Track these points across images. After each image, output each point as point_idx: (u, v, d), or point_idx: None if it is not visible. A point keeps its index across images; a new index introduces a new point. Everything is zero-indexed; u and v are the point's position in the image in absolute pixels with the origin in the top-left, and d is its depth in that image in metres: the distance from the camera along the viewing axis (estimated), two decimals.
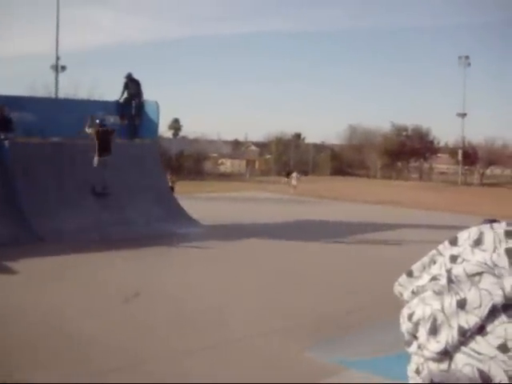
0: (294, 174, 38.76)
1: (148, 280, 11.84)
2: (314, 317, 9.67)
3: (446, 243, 1.07)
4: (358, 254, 15.57)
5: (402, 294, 1.13)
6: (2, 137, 16.66)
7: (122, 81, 19.86)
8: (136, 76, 19.90)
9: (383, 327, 8.48)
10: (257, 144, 73.57)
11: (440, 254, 1.07)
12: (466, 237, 1.04)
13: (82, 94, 42.09)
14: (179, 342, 8.26)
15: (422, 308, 1.04)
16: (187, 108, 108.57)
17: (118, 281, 11.69)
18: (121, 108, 19.62)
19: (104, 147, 16.92)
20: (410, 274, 1.11)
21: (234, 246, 16.19)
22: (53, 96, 36.99)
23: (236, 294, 11.06)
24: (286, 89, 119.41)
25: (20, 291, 10.65)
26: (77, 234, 15.55)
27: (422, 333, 1.04)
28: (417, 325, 1.05)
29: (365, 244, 17.41)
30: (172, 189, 23.27)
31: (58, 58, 42.33)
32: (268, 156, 67.07)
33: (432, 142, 62.65)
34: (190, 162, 52.50)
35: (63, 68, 43.11)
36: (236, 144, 76.00)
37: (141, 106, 19.71)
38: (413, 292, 1.09)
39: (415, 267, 1.11)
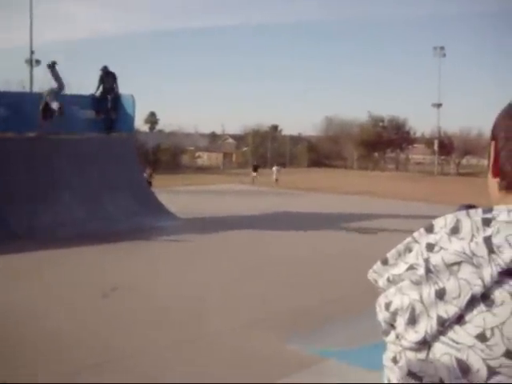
0: (275, 168, 38.62)
1: (126, 274, 11.81)
2: (293, 308, 9.70)
3: (422, 230, 1.06)
4: (335, 245, 15.63)
5: (376, 281, 1.11)
6: None
7: (97, 74, 19.73)
8: (111, 69, 19.78)
9: (362, 317, 8.53)
10: (234, 137, 73.21)
11: (416, 241, 1.06)
12: (442, 224, 1.03)
13: None
14: (159, 336, 8.24)
15: (399, 298, 1.03)
16: (163, 101, 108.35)
17: (97, 276, 11.64)
18: (96, 102, 19.47)
19: None
20: (384, 262, 1.10)
21: (211, 238, 16.19)
22: (27, 90, 36.54)
23: (215, 286, 11.06)
24: (262, 81, 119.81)
25: None
26: (55, 230, 15.42)
27: (400, 322, 1.02)
28: (394, 314, 1.03)
29: (342, 234, 17.48)
30: (150, 183, 23.20)
31: (32, 52, 41.88)
32: (245, 148, 66.89)
33: (408, 133, 62.97)
34: (167, 155, 52.21)
35: (38, 62, 42.58)
36: (213, 137, 75.70)
37: (117, 99, 19.58)
38: (388, 280, 1.07)
39: (390, 255, 1.09)
